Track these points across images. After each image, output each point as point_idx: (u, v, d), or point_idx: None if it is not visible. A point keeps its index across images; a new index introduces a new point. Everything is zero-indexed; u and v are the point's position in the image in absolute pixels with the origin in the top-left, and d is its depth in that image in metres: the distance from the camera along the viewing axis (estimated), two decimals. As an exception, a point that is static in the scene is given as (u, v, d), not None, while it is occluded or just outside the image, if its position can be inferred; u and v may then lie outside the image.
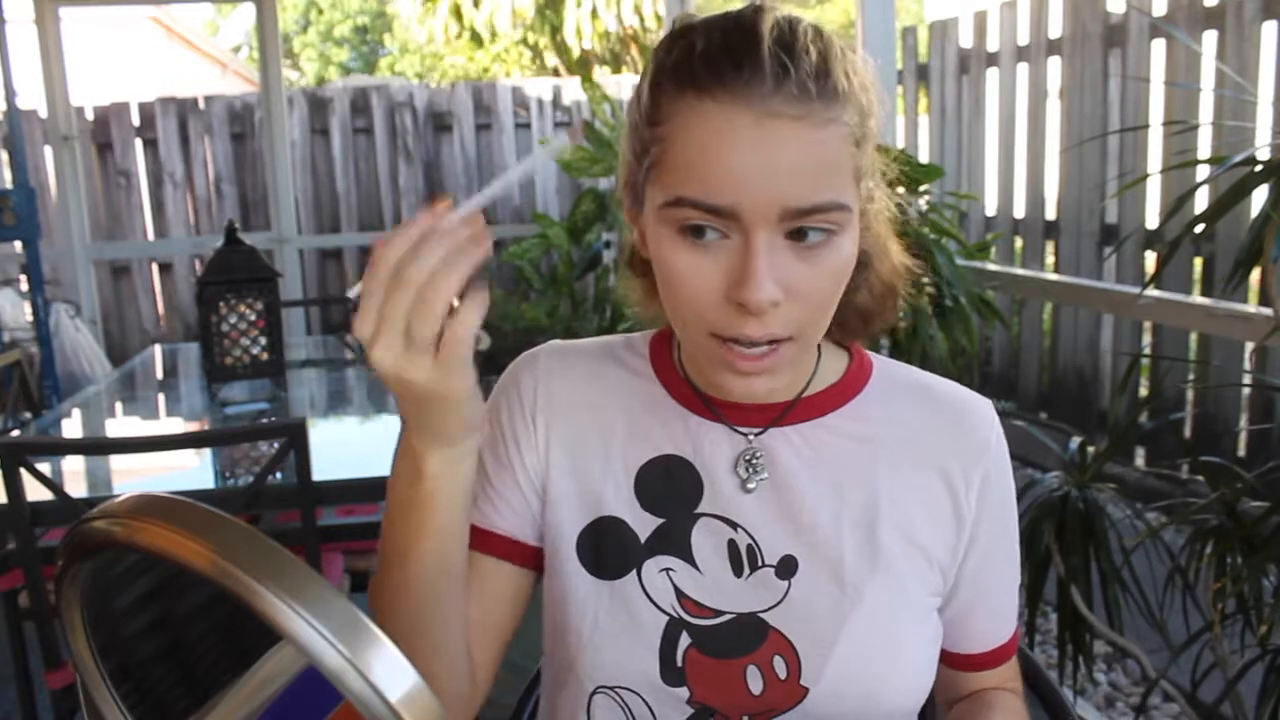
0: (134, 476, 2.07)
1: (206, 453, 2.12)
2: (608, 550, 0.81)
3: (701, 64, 0.68)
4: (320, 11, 18.15)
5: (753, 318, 0.69)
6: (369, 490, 1.91)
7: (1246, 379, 3.34)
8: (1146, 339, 4.09)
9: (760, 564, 0.79)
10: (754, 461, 0.81)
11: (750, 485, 0.80)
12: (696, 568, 0.80)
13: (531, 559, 0.86)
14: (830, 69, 0.68)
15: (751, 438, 0.82)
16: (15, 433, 2.59)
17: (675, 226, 0.70)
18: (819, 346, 0.84)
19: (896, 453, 0.82)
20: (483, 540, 0.84)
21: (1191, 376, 3.75)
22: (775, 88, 0.66)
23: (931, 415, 0.83)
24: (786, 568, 0.79)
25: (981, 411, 0.84)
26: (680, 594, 0.79)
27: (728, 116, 0.67)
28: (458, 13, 10.42)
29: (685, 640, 0.79)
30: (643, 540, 0.80)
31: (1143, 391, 3.71)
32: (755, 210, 0.67)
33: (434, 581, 0.73)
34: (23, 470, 1.66)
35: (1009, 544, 0.86)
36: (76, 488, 1.89)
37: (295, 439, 1.71)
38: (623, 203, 0.80)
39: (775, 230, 0.68)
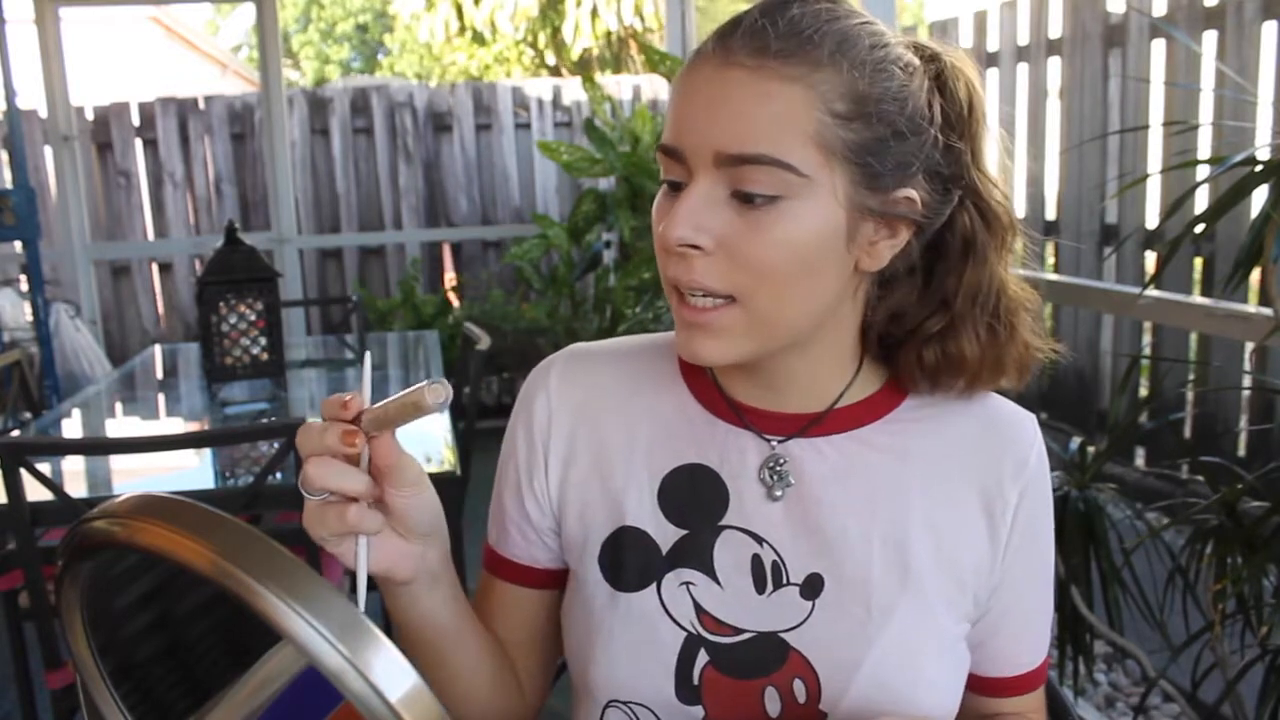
0: (134, 476, 2.07)
1: (206, 453, 2.12)
2: (628, 562, 0.79)
3: (702, 41, 0.72)
4: (321, 8, 18.13)
5: (679, 260, 0.70)
6: (369, 490, 1.90)
7: (1246, 379, 3.33)
8: (1146, 339, 4.08)
9: (784, 581, 0.77)
10: (779, 469, 0.78)
11: (776, 493, 0.78)
12: (718, 583, 0.77)
13: (547, 580, 0.86)
14: (813, 36, 0.68)
15: (776, 444, 0.79)
16: (15, 433, 2.59)
17: (660, 180, 0.74)
18: (862, 360, 0.80)
19: (932, 469, 0.79)
20: (498, 565, 0.87)
21: (1191, 377, 3.75)
22: (743, 42, 0.68)
23: (970, 430, 0.80)
24: (811, 587, 0.76)
25: (1023, 426, 0.81)
26: (700, 609, 0.77)
27: (699, 69, 0.70)
28: (459, 10, 10.39)
29: (703, 658, 0.76)
30: (664, 552, 0.78)
31: (1143, 392, 3.70)
32: (695, 152, 0.69)
33: (436, 655, 0.77)
34: (23, 470, 1.66)
35: (1040, 568, 0.82)
36: (76, 488, 1.89)
37: (295, 439, 1.71)
38: None
39: (716, 179, 0.69)
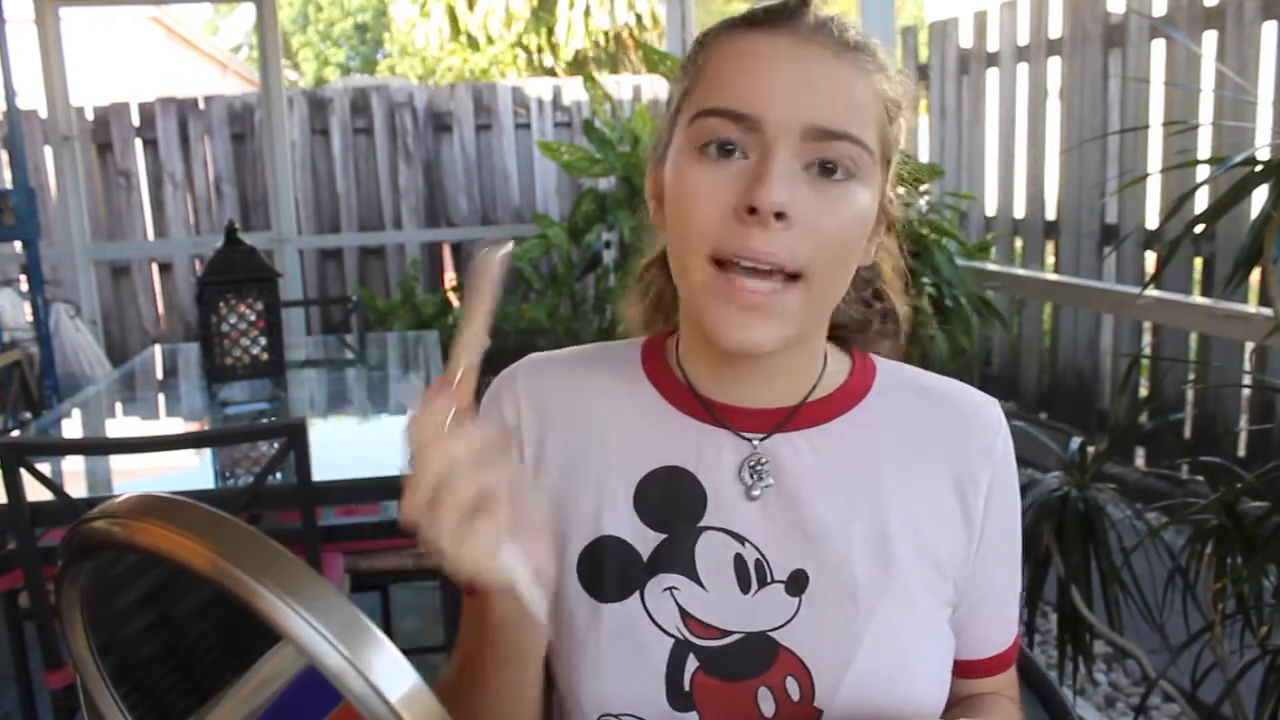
0: (134, 476, 2.07)
1: (206, 453, 2.12)
2: (608, 572, 0.77)
3: (751, 11, 0.73)
4: (319, 8, 18.11)
5: (760, 230, 0.67)
6: (369, 490, 1.90)
7: (1246, 379, 3.33)
8: (1146, 339, 4.08)
9: (769, 580, 0.76)
10: (758, 468, 0.77)
11: (755, 493, 0.77)
12: (701, 585, 0.76)
13: None
14: (867, 45, 0.73)
15: (756, 443, 0.78)
16: (15, 433, 2.59)
17: (698, 144, 0.70)
18: (825, 352, 0.81)
19: (904, 458, 0.79)
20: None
21: (1191, 377, 3.75)
22: (816, 28, 0.71)
23: (938, 417, 0.81)
24: (797, 583, 0.76)
25: (988, 412, 0.82)
26: (685, 614, 0.76)
27: (769, 38, 0.70)
28: (453, 16, 10.39)
29: (693, 663, 0.75)
30: (644, 559, 0.77)
31: (1143, 391, 3.71)
32: (780, 123, 0.68)
33: (507, 705, 0.75)
34: (23, 470, 1.66)
35: (1011, 549, 0.84)
36: (76, 488, 1.89)
37: (295, 439, 1.71)
38: (648, 175, 0.79)
39: (798, 151, 0.69)
